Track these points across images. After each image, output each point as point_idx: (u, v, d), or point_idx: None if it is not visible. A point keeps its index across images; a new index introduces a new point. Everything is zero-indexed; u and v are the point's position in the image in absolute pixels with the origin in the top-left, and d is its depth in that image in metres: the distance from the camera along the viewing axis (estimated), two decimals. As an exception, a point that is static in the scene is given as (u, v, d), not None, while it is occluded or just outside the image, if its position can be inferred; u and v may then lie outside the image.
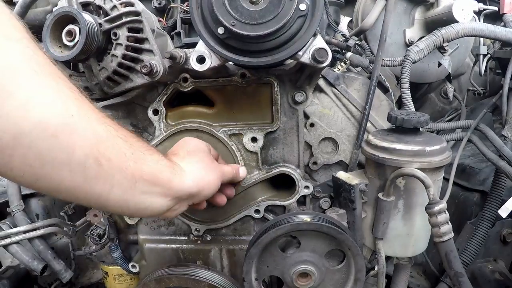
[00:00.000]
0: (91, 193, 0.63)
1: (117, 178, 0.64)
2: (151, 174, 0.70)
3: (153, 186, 0.71)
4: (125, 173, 0.65)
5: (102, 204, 0.66)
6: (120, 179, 0.65)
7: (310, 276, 0.91)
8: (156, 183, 0.71)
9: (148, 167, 0.69)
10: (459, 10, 1.20)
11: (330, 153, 1.12)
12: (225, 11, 0.77)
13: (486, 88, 1.64)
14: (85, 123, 0.60)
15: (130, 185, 0.67)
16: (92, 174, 0.61)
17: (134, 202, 0.69)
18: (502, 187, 1.19)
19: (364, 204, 0.98)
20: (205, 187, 0.82)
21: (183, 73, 1.01)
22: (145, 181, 0.69)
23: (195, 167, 0.81)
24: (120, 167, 0.64)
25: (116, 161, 0.64)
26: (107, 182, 0.63)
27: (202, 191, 0.81)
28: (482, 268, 1.28)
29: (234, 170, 0.96)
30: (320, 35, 0.86)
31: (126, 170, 0.65)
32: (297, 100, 1.03)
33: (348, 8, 1.61)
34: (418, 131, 0.96)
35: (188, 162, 0.80)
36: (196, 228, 1.14)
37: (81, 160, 0.59)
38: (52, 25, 0.83)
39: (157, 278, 1.08)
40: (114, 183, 0.64)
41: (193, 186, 0.78)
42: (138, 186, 0.68)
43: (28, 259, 1.36)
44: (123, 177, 0.65)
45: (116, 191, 0.65)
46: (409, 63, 1.16)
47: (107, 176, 0.63)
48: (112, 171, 0.63)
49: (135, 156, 0.67)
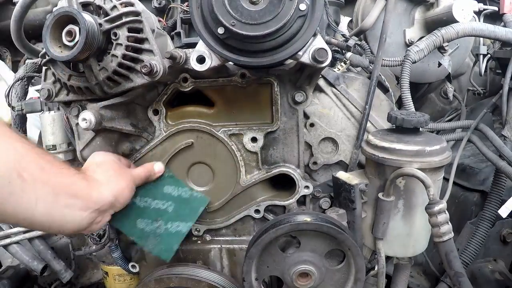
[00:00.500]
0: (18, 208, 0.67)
1: (40, 192, 0.68)
2: (71, 187, 0.74)
3: (75, 199, 0.75)
4: (48, 186, 0.70)
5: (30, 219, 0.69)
6: (43, 193, 0.69)
7: (310, 276, 0.91)
8: (76, 195, 0.75)
9: (67, 180, 0.74)
10: (459, 10, 1.20)
11: (330, 153, 1.12)
12: (225, 11, 0.77)
13: (486, 88, 1.64)
14: (4, 141, 0.65)
15: (53, 198, 0.70)
16: (17, 189, 0.65)
17: (59, 217, 0.73)
18: (502, 187, 1.19)
19: (364, 204, 0.98)
20: (119, 194, 0.86)
21: (183, 73, 1.01)
22: (66, 194, 0.73)
23: (107, 176, 0.85)
24: (42, 180, 0.69)
25: (38, 175, 0.68)
26: (32, 196, 0.67)
27: (118, 198, 0.85)
28: (482, 268, 1.29)
29: (147, 169, 0.99)
30: (320, 35, 0.86)
31: (48, 183, 0.70)
32: (297, 100, 1.03)
33: (348, 8, 1.61)
34: (418, 131, 0.96)
35: (100, 173, 0.85)
36: (196, 228, 1.14)
37: (5, 175, 0.63)
38: (52, 25, 0.83)
39: (157, 278, 1.08)
40: (39, 196, 0.68)
41: (110, 195, 0.83)
42: (60, 199, 0.72)
43: (28, 259, 1.36)
44: (46, 191, 0.70)
45: (41, 204, 0.69)
46: (409, 63, 1.16)
47: (31, 189, 0.67)
48: (35, 184, 0.67)
49: (54, 170, 0.72)
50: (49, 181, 0.70)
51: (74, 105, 1.03)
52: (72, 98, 1.00)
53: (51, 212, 0.71)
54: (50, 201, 0.70)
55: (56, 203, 0.71)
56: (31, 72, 1.32)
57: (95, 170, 0.86)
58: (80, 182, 0.78)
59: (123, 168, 0.93)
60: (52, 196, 0.70)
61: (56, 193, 0.71)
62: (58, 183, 0.72)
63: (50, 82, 1.00)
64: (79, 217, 0.77)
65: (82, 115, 0.94)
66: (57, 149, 1.20)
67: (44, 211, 0.70)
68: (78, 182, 0.77)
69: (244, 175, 1.08)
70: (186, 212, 1.06)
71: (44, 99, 1.00)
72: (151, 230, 1.03)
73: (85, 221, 0.78)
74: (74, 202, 0.74)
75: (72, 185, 0.75)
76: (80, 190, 0.76)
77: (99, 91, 0.95)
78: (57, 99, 1.01)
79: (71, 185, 0.75)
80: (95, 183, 0.81)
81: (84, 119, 0.94)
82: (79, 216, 0.76)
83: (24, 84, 1.32)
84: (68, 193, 0.74)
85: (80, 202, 0.76)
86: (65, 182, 0.74)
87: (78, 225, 0.78)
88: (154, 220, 1.04)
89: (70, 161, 1.22)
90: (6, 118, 1.67)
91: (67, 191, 0.73)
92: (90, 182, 0.80)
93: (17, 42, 1.29)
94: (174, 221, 1.05)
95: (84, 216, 0.77)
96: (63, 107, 1.05)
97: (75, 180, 0.77)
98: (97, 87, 0.94)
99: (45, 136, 1.21)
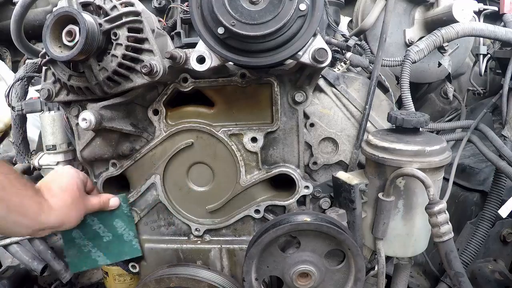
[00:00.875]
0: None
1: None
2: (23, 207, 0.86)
3: (23, 217, 0.86)
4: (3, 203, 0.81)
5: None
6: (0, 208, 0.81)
7: (310, 276, 0.91)
8: (25, 215, 0.86)
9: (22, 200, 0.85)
10: (459, 10, 1.21)
11: (330, 153, 1.12)
12: (225, 11, 0.77)
13: (486, 88, 1.64)
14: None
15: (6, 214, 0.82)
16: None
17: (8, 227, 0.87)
18: (502, 187, 1.19)
19: (364, 204, 0.98)
20: (67, 222, 0.97)
21: (183, 73, 1.01)
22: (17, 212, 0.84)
23: (62, 204, 0.95)
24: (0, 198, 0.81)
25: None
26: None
27: (64, 224, 0.96)
28: (482, 268, 1.29)
29: (102, 201, 1.08)
30: (320, 35, 0.86)
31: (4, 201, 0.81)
32: (297, 100, 1.03)
33: (348, 8, 1.61)
34: (418, 131, 0.96)
35: (57, 200, 0.94)
36: (196, 228, 1.14)
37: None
38: (52, 25, 0.83)
39: (157, 278, 1.08)
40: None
41: (56, 222, 0.93)
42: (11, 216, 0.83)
43: (28, 259, 1.36)
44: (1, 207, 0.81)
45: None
46: (409, 63, 1.16)
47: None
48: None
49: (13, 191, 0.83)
50: (5, 199, 0.81)
51: (74, 105, 1.03)
52: (72, 98, 1.00)
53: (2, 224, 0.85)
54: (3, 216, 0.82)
55: (7, 218, 0.83)
56: (31, 72, 1.32)
57: (53, 195, 0.94)
58: (33, 205, 0.88)
59: (81, 197, 1.01)
60: (6, 212, 0.82)
61: (10, 210, 0.82)
62: (13, 202, 0.83)
63: (50, 82, 1.00)
64: (23, 231, 0.93)
65: (82, 115, 0.94)
66: (57, 149, 1.20)
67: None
68: (32, 204, 0.88)
69: (244, 175, 1.08)
70: (115, 251, 1.14)
71: (44, 99, 1.01)
72: (79, 243, 1.12)
73: (27, 233, 0.98)
74: (21, 220, 0.86)
75: (24, 206, 0.86)
76: (30, 212, 0.87)
77: (99, 91, 0.95)
78: (57, 99, 1.01)
79: (23, 206, 0.86)
80: (47, 208, 0.91)
81: (84, 119, 0.94)
82: (24, 231, 0.92)
83: (24, 84, 1.32)
84: (19, 212, 0.85)
85: (27, 221, 0.87)
86: (19, 202, 0.85)
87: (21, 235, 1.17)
88: (87, 239, 1.12)
89: (70, 161, 1.22)
90: (6, 118, 1.67)
91: (19, 210, 0.85)
92: (43, 206, 0.90)
93: (17, 42, 1.29)
94: (100, 250, 1.13)
95: (28, 231, 0.92)
96: (63, 107, 1.05)
97: (29, 203, 0.88)
98: (97, 87, 0.94)
99: (45, 136, 1.21)
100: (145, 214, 1.16)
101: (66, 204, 0.95)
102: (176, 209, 1.14)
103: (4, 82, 1.73)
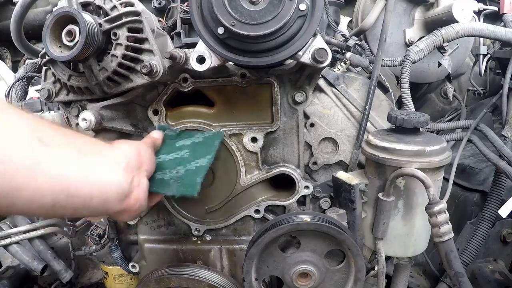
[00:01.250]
0: (51, 178, 0.61)
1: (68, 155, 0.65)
2: (94, 146, 0.71)
3: (102, 156, 0.71)
4: (72, 147, 0.66)
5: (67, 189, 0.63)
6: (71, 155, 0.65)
7: (310, 276, 0.91)
8: (102, 153, 0.71)
9: (88, 140, 0.72)
10: (459, 10, 1.20)
11: (330, 153, 1.12)
12: (225, 11, 0.77)
13: (486, 88, 1.64)
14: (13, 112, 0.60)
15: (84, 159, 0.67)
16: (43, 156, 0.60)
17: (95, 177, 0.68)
18: (502, 187, 1.19)
19: (364, 204, 0.98)
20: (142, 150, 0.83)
21: (183, 73, 1.01)
22: (93, 153, 0.69)
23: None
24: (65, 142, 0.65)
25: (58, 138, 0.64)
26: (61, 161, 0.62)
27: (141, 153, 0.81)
28: (482, 268, 1.29)
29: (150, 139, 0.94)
30: (320, 35, 0.86)
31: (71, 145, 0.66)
32: (297, 100, 1.03)
33: (348, 8, 1.61)
34: (418, 131, 0.96)
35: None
36: (196, 228, 1.14)
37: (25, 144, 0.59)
38: (52, 25, 0.83)
39: (157, 278, 1.08)
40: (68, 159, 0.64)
41: (132, 150, 0.79)
42: (89, 159, 0.68)
43: (28, 259, 1.36)
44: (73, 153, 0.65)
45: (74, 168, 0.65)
46: (409, 63, 1.16)
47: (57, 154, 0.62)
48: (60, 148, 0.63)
49: (70, 133, 0.69)
50: (71, 143, 0.64)
51: (74, 105, 1.03)
52: (72, 98, 1.00)
53: (86, 174, 0.64)
54: (81, 162, 0.63)
55: (87, 163, 0.65)
56: (31, 72, 1.32)
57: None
58: (99, 141, 0.73)
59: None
60: (82, 156, 0.64)
61: (83, 153, 0.65)
62: (80, 143, 0.66)
63: (50, 82, 1.00)
64: (115, 174, 0.70)
65: (82, 115, 0.94)
66: (57, 149, 1.20)
67: (78, 175, 0.63)
68: (97, 141, 0.73)
69: (244, 175, 1.08)
70: (203, 150, 0.99)
71: (44, 99, 1.00)
72: (170, 177, 0.95)
73: (123, 179, 0.71)
74: (102, 160, 0.68)
75: (95, 144, 0.70)
76: (104, 148, 0.72)
77: (99, 91, 0.95)
78: (57, 99, 1.01)
79: (94, 144, 0.70)
80: (114, 143, 0.77)
81: (84, 119, 0.94)
82: (115, 173, 0.70)
83: (24, 84, 1.32)
84: (94, 151, 0.68)
85: (108, 159, 0.70)
86: (86, 141, 0.69)
87: (118, 184, 0.70)
88: (172, 169, 0.96)
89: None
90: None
91: (92, 149, 0.68)
92: (108, 143, 0.75)
93: (17, 42, 1.29)
94: (192, 161, 0.97)
95: (120, 172, 0.71)
96: (63, 107, 1.05)
97: (94, 140, 0.72)
98: (97, 87, 0.94)
99: (45, 136, 1.21)
100: (145, 214, 1.16)
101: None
102: (176, 209, 1.14)
103: (4, 82, 1.73)
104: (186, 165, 0.96)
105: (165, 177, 0.94)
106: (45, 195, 0.60)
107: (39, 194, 0.59)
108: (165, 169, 0.95)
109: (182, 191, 0.91)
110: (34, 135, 0.59)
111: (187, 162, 0.96)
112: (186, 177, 0.94)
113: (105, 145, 0.74)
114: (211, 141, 1.01)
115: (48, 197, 0.61)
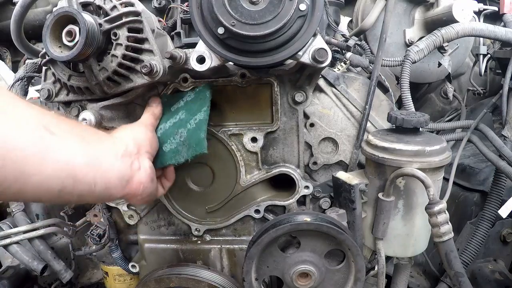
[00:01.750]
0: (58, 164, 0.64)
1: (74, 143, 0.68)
2: (95, 134, 0.77)
3: (102, 143, 0.76)
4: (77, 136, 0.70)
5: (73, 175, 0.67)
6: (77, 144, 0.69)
7: (310, 276, 0.91)
8: (101, 140, 0.76)
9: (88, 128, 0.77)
10: (459, 10, 1.21)
11: (330, 153, 1.12)
12: (225, 11, 0.77)
13: (486, 88, 1.64)
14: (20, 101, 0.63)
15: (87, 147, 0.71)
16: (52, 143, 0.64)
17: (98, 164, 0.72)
18: (502, 187, 1.19)
19: (364, 204, 0.98)
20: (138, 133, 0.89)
21: (183, 73, 1.01)
22: (95, 141, 0.74)
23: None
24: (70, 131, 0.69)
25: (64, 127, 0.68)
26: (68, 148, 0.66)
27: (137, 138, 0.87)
28: (482, 268, 1.29)
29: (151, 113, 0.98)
30: (320, 35, 0.86)
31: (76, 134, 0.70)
32: (297, 100, 1.03)
33: (348, 8, 1.61)
34: (418, 131, 0.96)
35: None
36: (196, 228, 1.14)
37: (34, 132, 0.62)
38: (52, 25, 0.83)
39: (157, 278, 1.08)
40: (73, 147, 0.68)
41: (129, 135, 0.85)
42: (92, 147, 0.72)
43: (28, 259, 1.36)
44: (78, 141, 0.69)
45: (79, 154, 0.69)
46: (409, 63, 1.16)
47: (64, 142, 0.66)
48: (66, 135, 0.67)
49: (73, 122, 0.74)
50: (74, 131, 0.69)
51: (74, 105, 1.03)
52: (72, 98, 1.00)
53: (90, 161, 0.69)
54: (85, 150, 0.68)
55: (91, 150, 0.69)
56: (31, 72, 1.32)
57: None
58: (98, 130, 0.78)
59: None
60: (86, 144, 0.69)
61: (86, 141, 0.70)
62: (82, 132, 0.71)
63: (50, 82, 1.00)
64: (115, 161, 0.75)
65: (82, 115, 0.94)
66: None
67: (83, 162, 0.67)
68: (97, 130, 0.78)
69: (244, 175, 1.08)
70: (198, 105, 0.99)
71: (44, 99, 1.00)
72: (177, 143, 0.97)
73: (122, 165, 0.76)
74: (103, 147, 0.73)
75: (95, 133, 0.75)
76: (103, 136, 0.76)
77: (99, 91, 0.95)
78: (57, 99, 1.01)
79: (94, 133, 0.75)
80: (112, 131, 0.83)
81: (84, 119, 0.94)
82: (114, 160, 0.75)
83: (24, 84, 1.32)
84: (95, 140, 0.73)
85: (108, 145, 0.74)
86: (87, 130, 0.74)
87: (118, 171, 0.75)
88: (175, 134, 0.98)
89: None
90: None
91: (93, 138, 0.73)
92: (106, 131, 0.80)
93: (17, 42, 1.29)
94: (191, 119, 0.98)
95: (118, 159, 0.75)
96: (63, 107, 1.05)
97: (94, 129, 0.77)
98: (97, 87, 0.94)
99: (45, 136, 1.21)
100: (145, 214, 1.16)
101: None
102: (176, 209, 1.14)
103: (4, 82, 1.73)
104: (186, 125, 0.97)
105: (172, 146, 0.97)
106: (53, 181, 0.63)
107: (47, 180, 0.63)
108: (169, 137, 0.97)
109: (192, 153, 0.95)
110: (40, 123, 0.63)
111: (186, 122, 0.97)
112: (190, 137, 0.96)
113: (104, 134, 0.79)
114: (203, 94, 1.00)
115: (56, 182, 0.64)
